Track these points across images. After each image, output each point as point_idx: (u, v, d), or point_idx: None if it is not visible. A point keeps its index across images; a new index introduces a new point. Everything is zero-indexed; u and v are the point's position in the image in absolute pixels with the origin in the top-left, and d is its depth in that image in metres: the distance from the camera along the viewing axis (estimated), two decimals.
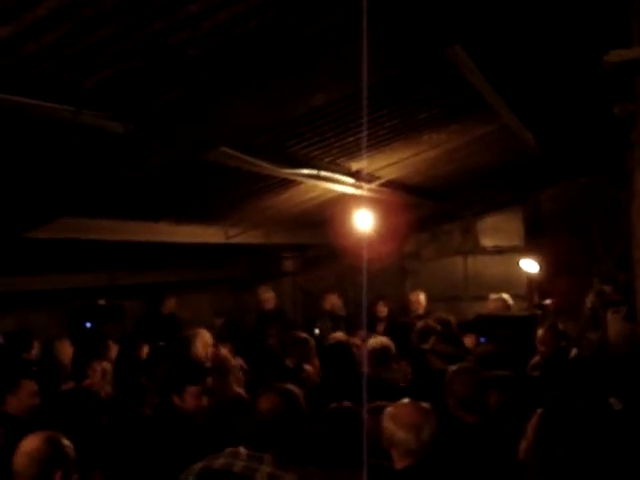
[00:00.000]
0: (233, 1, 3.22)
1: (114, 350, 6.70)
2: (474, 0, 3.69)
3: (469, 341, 7.12)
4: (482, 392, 4.26)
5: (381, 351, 5.96)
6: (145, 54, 3.45)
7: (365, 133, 5.82)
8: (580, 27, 4.65)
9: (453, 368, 4.48)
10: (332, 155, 6.30)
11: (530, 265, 9.69)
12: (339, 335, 7.15)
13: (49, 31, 3.01)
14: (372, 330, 8.79)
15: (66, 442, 3.49)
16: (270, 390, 3.31)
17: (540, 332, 6.43)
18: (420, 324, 6.87)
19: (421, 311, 9.59)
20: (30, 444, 3.42)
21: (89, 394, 5.31)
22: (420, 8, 3.75)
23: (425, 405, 3.55)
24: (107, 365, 6.07)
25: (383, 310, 9.66)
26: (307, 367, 6.31)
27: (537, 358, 6.44)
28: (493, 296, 8.71)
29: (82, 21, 2.99)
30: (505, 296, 8.62)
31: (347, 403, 3.91)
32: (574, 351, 6.90)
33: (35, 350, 6.82)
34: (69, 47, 3.19)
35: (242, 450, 3.09)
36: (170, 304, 9.18)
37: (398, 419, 3.45)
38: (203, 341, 6.53)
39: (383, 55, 3.94)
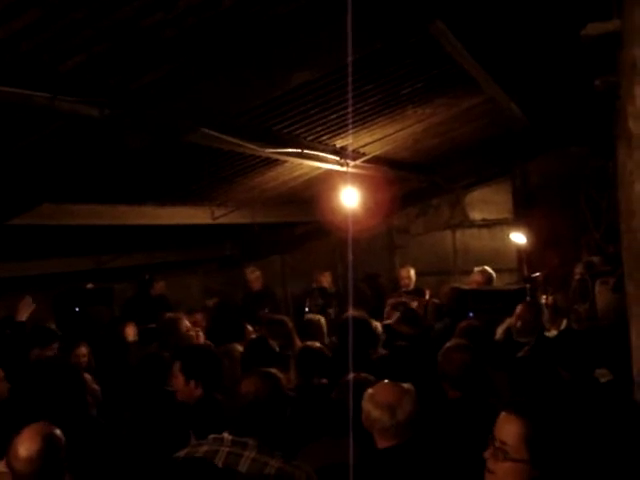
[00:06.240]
0: None
1: None
2: None
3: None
4: (467, 369, 4.24)
5: None
6: (119, 36, 3.38)
7: (349, 110, 5.76)
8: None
9: (447, 344, 4.47)
10: (316, 133, 6.25)
11: (520, 238, 9.67)
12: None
13: (20, 16, 2.96)
14: None
15: (57, 431, 3.26)
16: (252, 374, 3.29)
17: (519, 307, 6.23)
18: (391, 300, 7.51)
19: (411, 287, 9.57)
20: (29, 447, 3.13)
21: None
22: None
23: (404, 385, 3.53)
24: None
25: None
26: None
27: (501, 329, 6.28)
28: (477, 269, 8.71)
29: (52, 5, 2.93)
30: (488, 269, 8.61)
31: (364, 374, 3.99)
32: (563, 323, 6.91)
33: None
34: (41, 31, 3.13)
35: (226, 436, 3.06)
36: (159, 286, 9.14)
37: (374, 399, 3.47)
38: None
39: (366, 31, 3.90)
